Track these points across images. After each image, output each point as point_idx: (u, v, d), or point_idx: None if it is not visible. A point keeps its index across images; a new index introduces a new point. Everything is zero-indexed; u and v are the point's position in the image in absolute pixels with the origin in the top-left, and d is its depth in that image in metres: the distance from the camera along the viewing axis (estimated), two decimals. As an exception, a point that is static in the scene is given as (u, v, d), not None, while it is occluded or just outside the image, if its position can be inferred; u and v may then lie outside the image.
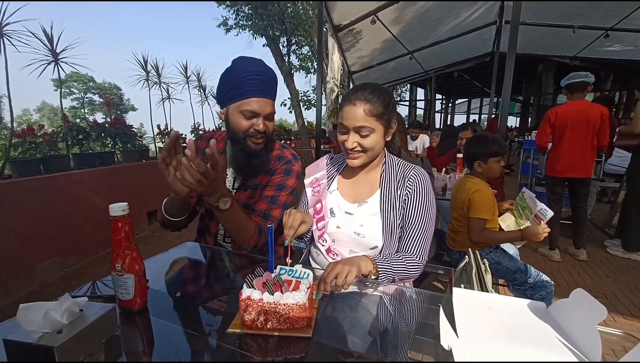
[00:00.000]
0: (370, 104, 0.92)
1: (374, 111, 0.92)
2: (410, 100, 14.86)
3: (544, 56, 7.44)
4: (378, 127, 0.94)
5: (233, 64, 1.07)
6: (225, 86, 1.05)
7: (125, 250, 0.71)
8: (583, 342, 0.54)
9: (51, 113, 34.59)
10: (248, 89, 1.02)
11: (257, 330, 0.66)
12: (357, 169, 1.08)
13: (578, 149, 2.66)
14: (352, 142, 0.95)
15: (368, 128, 0.93)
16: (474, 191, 1.60)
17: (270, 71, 1.07)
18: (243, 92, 1.03)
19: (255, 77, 1.03)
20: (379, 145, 0.97)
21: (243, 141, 1.07)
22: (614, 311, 2.04)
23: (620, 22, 5.07)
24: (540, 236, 1.45)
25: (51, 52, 3.06)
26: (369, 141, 0.94)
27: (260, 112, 1.04)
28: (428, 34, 6.00)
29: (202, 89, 5.86)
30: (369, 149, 0.96)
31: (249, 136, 1.07)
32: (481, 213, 1.56)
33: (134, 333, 0.69)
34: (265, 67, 1.07)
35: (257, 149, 1.09)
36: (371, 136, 0.94)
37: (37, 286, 2.50)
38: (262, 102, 1.04)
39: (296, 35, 10.59)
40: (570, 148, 2.68)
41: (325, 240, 1.07)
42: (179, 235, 3.97)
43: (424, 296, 0.88)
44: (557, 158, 2.75)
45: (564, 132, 2.70)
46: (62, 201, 2.79)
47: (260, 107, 1.04)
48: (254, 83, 1.02)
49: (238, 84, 1.02)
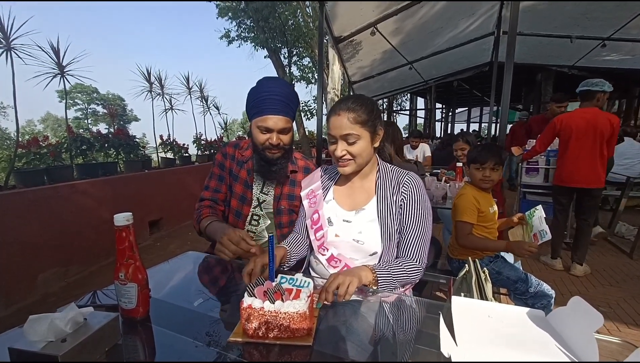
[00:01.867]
0: (354, 112, 0.97)
1: (357, 118, 0.97)
2: (410, 109, 14.98)
3: (542, 65, 7.52)
4: (364, 134, 0.99)
5: (257, 83, 1.21)
6: (249, 104, 1.19)
7: (128, 259, 0.73)
8: (580, 349, 0.55)
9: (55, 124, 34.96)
10: (265, 107, 1.15)
11: (258, 339, 0.67)
12: (352, 178, 1.11)
13: (584, 158, 2.56)
14: (340, 150, 0.99)
15: (354, 135, 0.97)
16: (459, 196, 1.69)
17: (288, 91, 1.19)
18: (261, 109, 1.16)
19: (272, 96, 1.15)
20: (366, 151, 1.01)
21: (262, 151, 1.21)
22: (618, 321, 2.02)
23: (616, 32, 5.14)
24: (525, 252, 1.42)
25: (57, 65, 3.13)
26: (357, 147, 0.99)
27: (274, 128, 1.16)
28: (427, 44, 6.09)
29: (205, 99, 5.94)
30: (357, 156, 1.00)
31: (266, 148, 1.20)
32: (464, 216, 1.60)
33: (136, 342, 0.70)
34: (284, 87, 1.19)
35: (274, 158, 1.22)
36: (358, 143, 0.98)
37: (38, 296, 2.50)
38: (276, 118, 1.16)
39: (297, 47, 10.76)
40: (575, 156, 2.59)
41: (325, 249, 1.08)
42: (180, 244, 3.95)
43: (424, 304, 0.88)
44: (563, 167, 2.68)
45: (569, 139, 2.62)
46: (64, 211, 2.81)
47: (274, 123, 1.16)
48: (271, 102, 1.14)
49: (258, 103, 1.16)
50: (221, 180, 1.34)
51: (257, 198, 1.32)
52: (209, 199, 1.35)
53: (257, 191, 1.32)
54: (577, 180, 2.61)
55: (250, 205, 1.32)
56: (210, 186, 1.35)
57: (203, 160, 5.49)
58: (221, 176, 1.34)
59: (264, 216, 1.33)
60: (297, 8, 9.71)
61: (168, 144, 4.86)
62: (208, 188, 1.35)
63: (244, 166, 1.31)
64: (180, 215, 4.56)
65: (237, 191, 1.32)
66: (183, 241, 3.85)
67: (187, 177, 4.79)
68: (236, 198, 1.32)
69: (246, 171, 1.31)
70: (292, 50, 10.97)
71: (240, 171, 1.31)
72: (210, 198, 1.35)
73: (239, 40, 10.86)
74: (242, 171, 1.31)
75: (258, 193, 1.32)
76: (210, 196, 1.35)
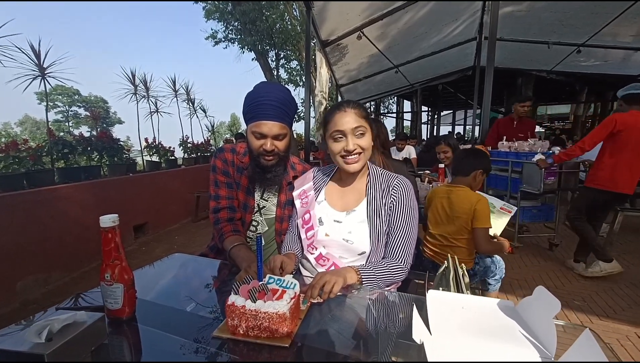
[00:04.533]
0: (357, 108, 1.04)
1: (361, 113, 1.04)
2: (397, 112, 15.20)
3: (522, 69, 7.79)
4: (368, 128, 1.05)
5: (254, 88, 1.18)
6: (245, 108, 1.18)
7: (114, 260, 0.74)
8: (542, 333, 0.60)
9: (34, 127, 33.80)
10: (260, 112, 1.13)
11: (239, 336, 0.68)
12: (344, 179, 1.14)
13: (637, 163, 2.42)
14: (353, 144, 1.02)
15: (363, 127, 1.03)
16: (478, 201, 1.58)
17: (284, 97, 1.15)
18: (255, 115, 1.14)
19: (267, 102, 1.12)
20: (371, 146, 1.07)
21: (257, 158, 1.19)
22: (591, 313, 2.12)
23: (590, 39, 5.39)
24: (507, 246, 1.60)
25: (38, 66, 3.06)
26: (365, 141, 1.04)
27: (268, 133, 1.14)
28: (412, 48, 6.22)
29: (191, 102, 5.89)
30: (366, 149, 1.05)
31: (260, 154, 1.18)
32: (488, 222, 1.57)
33: (123, 341, 0.71)
34: (281, 93, 1.15)
35: (269, 165, 1.19)
36: (366, 136, 1.04)
37: (17, 304, 2.43)
38: (270, 124, 1.13)
39: (285, 50, 10.79)
40: (632, 161, 2.41)
41: (314, 248, 1.11)
42: (167, 248, 3.89)
43: (407, 300, 0.92)
44: (615, 170, 2.44)
45: (628, 141, 2.39)
46: (45, 216, 2.74)
47: (269, 129, 1.13)
48: (265, 107, 1.12)
49: (252, 108, 1.14)
50: (231, 187, 1.31)
51: (257, 204, 1.31)
52: (227, 208, 1.29)
53: (258, 198, 1.32)
54: (623, 185, 2.42)
55: (252, 212, 1.31)
56: (221, 195, 1.29)
57: (189, 163, 5.44)
58: (229, 183, 1.31)
59: (262, 222, 1.33)
60: (285, 12, 9.75)
61: (153, 147, 4.80)
62: (219, 197, 1.29)
63: (244, 172, 1.29)
64: (166, 219, 4.51)
65: (240, 199, 1.30)
66: (169, 245, 3.80)
67: (173, 180, 4.74)
68: (240, 206, 1.31)
69: (247, 178, 1.29)
70: (279, 53, 11.00)
71: (241, 178, 1.30)
72: (228, 206, 1.29)
73: (225, 41, 10.82)
74: (243, 178, 1.29)
75: (259, 199, 1.32)
76: (228, 204, 1.29)
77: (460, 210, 1.60)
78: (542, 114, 16.40)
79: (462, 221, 1.60)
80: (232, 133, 9.81)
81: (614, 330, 1.94)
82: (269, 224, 1.34)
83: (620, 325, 1.99)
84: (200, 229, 4.52)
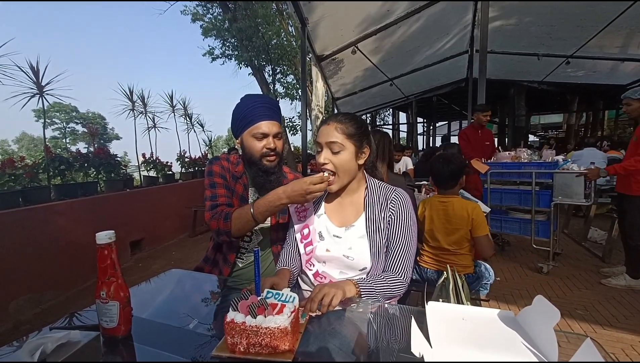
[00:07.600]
0: (342, 123, 1.02)
1: (345, 130, 1.01)
2: (393, 124, 15.37)
3: (514, 80, 7.97)
4: (349, 146, 1.01)
5: (241, 100, 1.24)
6: (237, 118, 1.22)
7: (110, 278, 0.73)
8: (542, 343, 0.59)
9: (30, 144, 33.75)
10: (256, 115, 1.19)
11: (240, 354, 0.67)
12: (341, 194, 1.12)
13: None
14: (323, 157, 1.01)
15: (339, 144, 1.00)
16: (473, 210, 1.59)
17: (272, 100, 1.28)
18: (252, 118, 1.19)
19: (262, 104, 1.20)
20: (349, 165, 1.03)
21: (259, 161, 1.22)
22: (594, 323, 2.10)
23: (578, 50, 5.54)
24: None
25: (36, 84, 3.09)
26: (339, 158, 1.01)
27: (269, 132, 1.20)
28: (406, 62, 6.36)
29: (189, 117, 5.93)
30: (339, 167, 1.01)
31: (263, 155, 1.21)
32: (486, 228, 1.60)
33: (118, 361, 0.69)
34: (268, 97, 1.28)
35: (272, 166, 1.23)
36: (342, 154, 1.00)
37: (10, 324, 2.37)
38: (270, 123, 1.20)
39: (281, 65, 10.96)
40: None
41: (312, 264, 1.10)
42: (164, 264, 3.85)
43: (407, 312, 0.91)
44: None
45: None
46: (40, 234, 2.71)
47: (269, 128, 1.19)
48: (261, 110, 1.19)
49: (247, 114, 1.19)
50: (228, 189, 1.29)
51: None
52: (225, 204, 1.24)
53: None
54: None
55: None
56: (219, 194, 1.25)
57: (187, 178, 5.43)
58: (227, 186, 1.28)
59: (256, 231, 1.31)
60: (280, 28, 9.96)
61: (151, 163, 4.80)
62: (217, 196, 1.25)
63: (239, 181, 1.30)
64: (163, 234, 4.46)
65: (236, 206, 1.27)
66: (166, 261, 3.75)
67: (171, 195, 4.72)
68: None
69: (242, 186, 1.30)
70: (275, 68, 11.17)
71: (236, 186, 1.30)
72: (226, 203, 1.25)
73: (222, 57, 10.99)
74: (238, 186, 1.29)
75: None
76: (227, 202, 1.25)
77: (459, 222, 1.63)
78: (535, 124, 16.65)
79: (462, 232, 1.63)
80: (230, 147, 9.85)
81: (618, 340, 1.92)
82: (264, 234, 1.32)
83: (624, 335, 1.97)
84: (198, 244, 4.48)
